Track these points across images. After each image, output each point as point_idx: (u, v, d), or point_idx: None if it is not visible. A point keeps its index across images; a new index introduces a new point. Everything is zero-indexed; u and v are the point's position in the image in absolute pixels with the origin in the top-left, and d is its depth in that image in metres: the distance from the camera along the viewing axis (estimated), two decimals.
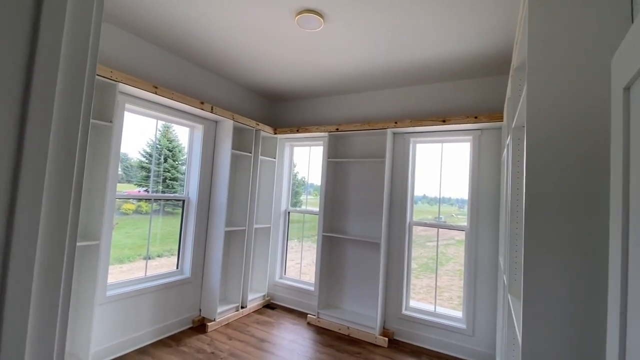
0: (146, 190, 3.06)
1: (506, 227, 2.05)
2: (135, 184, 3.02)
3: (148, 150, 3.04)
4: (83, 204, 2.32)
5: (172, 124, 3.30)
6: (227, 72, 3.41)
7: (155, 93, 2.58)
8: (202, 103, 2.98)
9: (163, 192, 3.22)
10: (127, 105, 2.66)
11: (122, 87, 2.42)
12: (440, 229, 3.35)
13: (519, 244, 1.54)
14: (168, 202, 3.28)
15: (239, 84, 3.80)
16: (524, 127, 1.60)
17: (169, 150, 3.26)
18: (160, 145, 3.16)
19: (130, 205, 2.96)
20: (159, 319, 2.94)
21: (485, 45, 2.47)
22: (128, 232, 2.96)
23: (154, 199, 3.09)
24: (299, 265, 4.19)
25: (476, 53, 2.61)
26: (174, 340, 2.91)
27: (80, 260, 2.31)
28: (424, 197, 3.49)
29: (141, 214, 2.98)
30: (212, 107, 3.08)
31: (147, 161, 3.06)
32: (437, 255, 3.46)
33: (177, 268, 3.26)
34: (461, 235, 3.26)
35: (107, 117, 2.32)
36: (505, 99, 2.30)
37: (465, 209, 3.45)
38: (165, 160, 3.22)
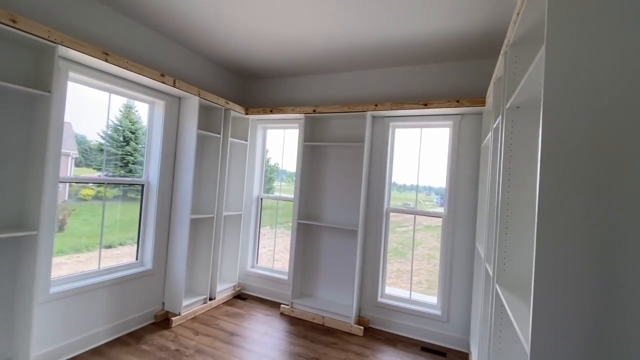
0: (106, 175, 2.77)
1: (489, 214, 1.99)
2: (94, 168, 2.72)
3: (108, 132, 2.76)
4: (12, 188, 1.97)
5: (134, 103, 2.93)
6: (192, 41, 3.05)
7: (106, 60, 2.22)
8: (162, 75, 2.64)
9: (125, 176, 2.89)
10: (71, 74, 2.28)
11: (64, 51, 2.04)
12: (415, 216, 3.29)
13: (512, 234, 1.46)
14: (131, 187, 2.95)
15: (205, 57, 3.45)
16: (518, 107, 1.50)
17: (131, 132, 2.93)
18: (121, 126, 2.86)
19: (89, 191, 2.68)
20: (116, 315, 2.66)
21: (470, 25, 2.35)
22: (86, 219, 2.69)
23: (108, 184, 2.74)
24: (272, 252, 4.01)
25: (460, 34, 2.49)
26: (133, 338, 2.65)
27: (15, 253, 1.98)
28: (393, 184, 3.42)
29: (101, 199, 2.71)
30: (174, 81, 2.75)
31: (108, 144, 2.77)
32: (413, 242, 3.42)
33: (137, 259, 2.96)
34: (428, 221, 3.25)
35: (44, 85, 1.95)
36: (491, 82, 2.20)
37: (433, 196, 3.42)
38: (128, 143, 2.93)
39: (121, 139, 2.88)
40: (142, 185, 2.99)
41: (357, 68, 3.39)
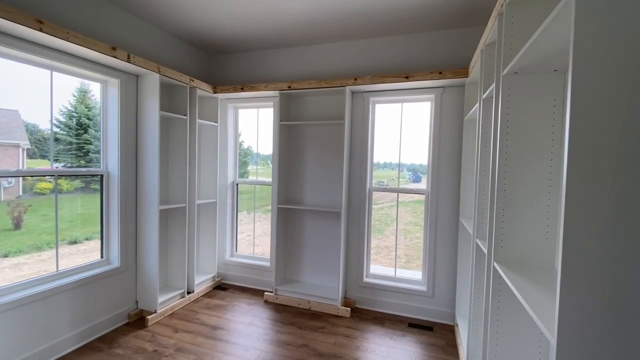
0: (64, 166, 2.50)
1: (479, 190, 1.93)
2: (48, 160, 2.42)
3: (62, 119, 2.47)
4: None
5: (89, 86, 2.59)
6: (148, 11, 2.68)
7: (41, 30, 1.87)
8: (113, 49, 2.30)
9: (86, 167, 2.59)
10: (0, 48, 1.90)
11: None
12: (398, 193, 3.23)
13: (509, 211, 1.38)
14: (93, 178, 2.64)
15: (166, 30, 3.07)
16: (517, 73, 1.39)
17: (88, 118, 2.63)
18: (77, 113, 2.56)
19: (46, 184, 2.40)
20: (82, 320, 2.42)
21: None
22: (46, 214, 2.43)
23: (63, 175, 2.42)
24: (251, 237, 3.85)
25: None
26: (105, 342, 2.43)
27: None
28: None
29: (61, 193, 2.46)
30: (128, 55, 2.41)
31: (63, 132, 2.49)
32: (397, 220, 3.37)
33: (102, 257, 2.69)
34: (402, 197, 3.23)
35: None
36: (478, 49, 2.09)
37: (405, 173, 3.37)
38: (86, 131, 2.64)
39: (77, 126, 2.58)
40: (101, 176, 2.67)
41: (336, 39, 3.16)
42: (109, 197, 2.69)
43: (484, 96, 1.85)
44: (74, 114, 2.56)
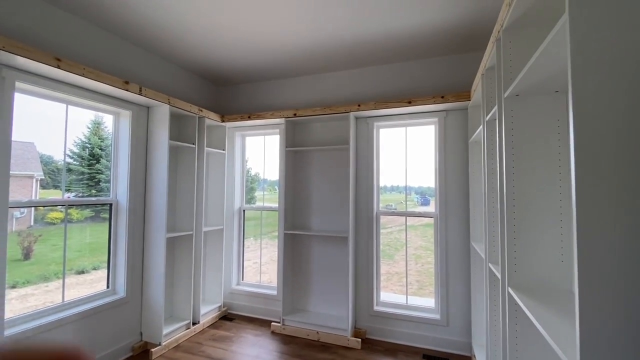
0: (76, 196, 2.55)
1: (488, 212, 1.89)
2: (60, 190, 2.48)
3: (75, 150, 2.55)
4: None
5: (102, 118, 2.70)
6: (158, 47, 2.83)
7: (59, 67, 1.97)
8: (126, 83, 2.41)
9: (97, 196, 2.65)
10: (19, 85, 2.01)
11: (8, 57, 1.79)
12: (406, 217, 3.18)
13: (521, 234, 1.34)
14: (103, 207, 2.68)
15: (175, 64, 3.23)
16: (518, 95, 1.40)
17: (100, 149, 2.72)
18: (90, 144, 2.65)
19: (57, 214, 2.44)
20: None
21: (454, 18, 2.28)
22: (55, 244, 2.44)
23: (75, 205, 2.46)
24: (258, 264, 3.79)
25: (443, 27, 2.42)
26: None
27: None
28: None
29: (72, 222, 2.49)
30: (140, 88, 2.51)
31: (76, 163, 2.57)
32: (406, 245, 3.30)
33: (108, 287, 2.66)
34: (411, 221, 3.17)
35: None
36: (478, 73, 2.13)
37: (413, 196, 3.34)
38: (98, 161, 2.71)
39: (90, 156, 2.66)
40: (110, 205, 2.70)
41: (339, 68, 3.27)
42: (117, 226, 2.71)
43: (487, 118, 1.86)
44: (87, 144, 2.65)
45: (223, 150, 3.49)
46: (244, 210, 3.77)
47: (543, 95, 1.36)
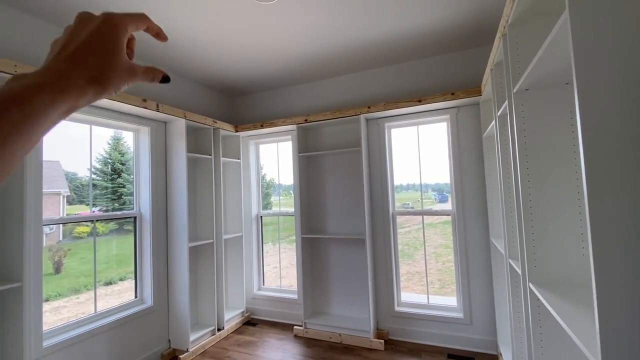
0: (100, 210, 2.67)
1: (506, 207, 1.87)
2: (87, 204, 2.61)
3: (98, 165, 2.68)
4: None
5: (122, 134, 2.83)
6: (172, 63, 2.94)
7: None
8: (144, 100, 2.52)
9: (120, 209, 2.78)
10: None
11: None
12: (423, 216, 3.16)
13: (539, 228, 1.33)
14: (127, 219, 2.81)
15: (188, 78, 3.34)
16: (527, 90, 1.40)
17: (121, 163, 2.85)
18: (111, 159, 2.78)
19: (84, 228, 2.57)
20: None
21: (460, 14, 2.28)
22: (84, 257, 2.57)
23: (100, 219, 2.58)
24: (277, 269, 3.84)
25: (450, 24, 2.41)
26: None
27: (0, 309, 1.80)
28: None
29: (98, 235, 2.60)
30: (157, 105, 2.63)
31: (99, 178, 2.69)
32: (424, 244, 3.28)
33: (136, 297, 2.78)
34: (430, 219, 3.14)
35: None
36: (487, 69, 2.12)
37: (430, 193, 3.31)
38: (119, 175, 2.83)
39: (111, 171, 2.78)
40: (134, 218, 2.83)
41: (347, 72, 3.30)
42: (142, 238, 2.82)
43: (499, 113, 1.85)
44: (108, 160, 2.77)
45: (238, 159, 3.58)
46: (261, 217, 3.84)
47: (553, 88, 1.35)
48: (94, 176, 2.66)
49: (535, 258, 1.35)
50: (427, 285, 3.17)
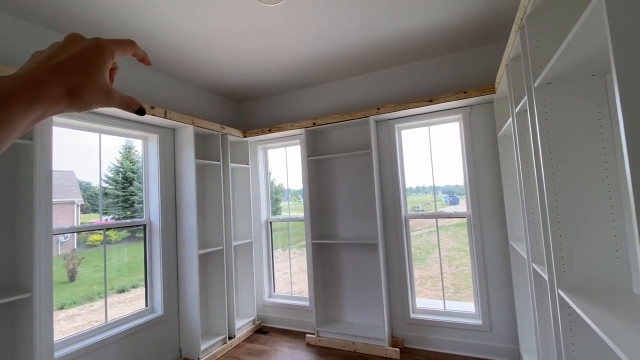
0: (113, 218, 2.69)
1: (527, 208, 1.78)
2: (99, 213, 2.62)
3: (111, 175, 2.71)
4: (1, 246, 1.80)
5: (133, 143, 2.85)
6: (180, 70, 2.94)
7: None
8: (152, 107, 2.51)
9: (132, 217, 2.79)
10: (55, 119, 2.15)
11: None
12: (437, 219, 3.07)
13: (567, 230, 1.24)
14: (139, 227, 2.81)
15: (196, 85, 3.34)
16: (550, 83, 1.32)
17: (132, 172, 2.87)
18: (123, 168, 2.80)
19: (98, 236, 2.58)
20: None
21: (471, 9, 2.21)
22: (97, 265, 2.58)
23: (113, 228, 2.58)
24: (288, 275, 3.78)
25: (458, 21, 2.34)
26: None
27: (11, 320, 1.79)
28: None
29: (110, 243, 2.63)
30: (165, 112, 2.62)
31: (111, 187, 2.71)
32: (438, 246, 3.18)
33: (147, 306, 2.75)
34: (442, 222, 3.05)
35: (25, 134, 1.81)
36: (502, 64, 2.04)
37: (441, 195, 3.21)
38: (131, 184, 2.85)
39: (123, 180, 2.80)
40: (144, 226, 2.81)
41: (355, 74, 3.25)
42: (152, 246, 2.80)
43: (517, 110, 1.77)
44: (120, 169, 2.79)
45: (247, 164, 3.55)
46: (270, 222, 3.80)
47: (578, 80, 1.27)
48: (106, 185, 2.68)
49: (564, 262, 1.26)
50: (442, 290, 3.07)
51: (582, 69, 1.19)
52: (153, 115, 2.52)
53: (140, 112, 0.41)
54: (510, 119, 1.94)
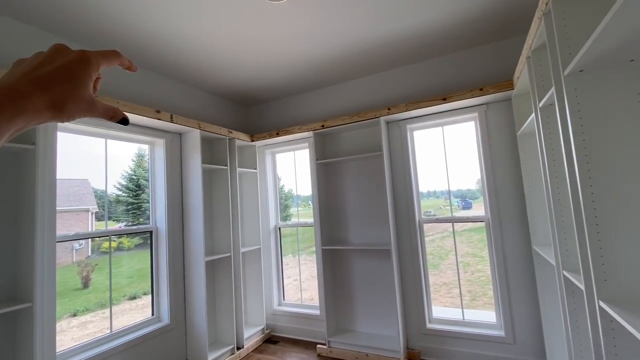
0: (125, 225, 2.70)
1: (555, 211, 1.63)
2: (114, 220, 2.65)
3: (124, 182, 2.72)
4: (4, 254, 1.75)
5: (145, 151, 2.82)
6: (186, 74, 2.91)
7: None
8: (157, 112, 2.47)
9: (144, 224, 2.79)
10: (60, 124, 2.11)
11: None
12: (453, 223, 2.92)
13: (606, 235, 1.11)
14: (150, 234, 2.78)
15: (203, 89, 3.31)
16: (582, 71, 1.19)
17: (145, 180, 2.86)
18: (135, 175, 2.80)
19: (112, 243, 2.56)
20: None
21: (481, 4, 2.10)
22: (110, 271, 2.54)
23: (126, 234, 2.54)
24: (298, 281, 3.67)
25: (471, 16, 2.23)
26: None
27: (12, 330, 1.73)
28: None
29: (123, 250, 2.65)
30: (171, 116, 2.57)
31: (124, 194, 2.72)
32: (455, 251, 3.02)
33: (153, 314, 2.68)
34: (455, 226, 2.91)
35: (27, 138, 1.77)
36: (522, 57, 1.91)
37: (453, 200, 3.05)
38: (143, 191, 2.85)
39: (136, 187, 2.80)
40: (150, 232, 2.75)
41: (365, 74, 3.16)
42: (158, 253, 2.74)
43: (541, 104, 1.64)
44: (133, 176, 2.78)
45: (255, 169, 3.48)
46: (279, 228, 3.70)
47: (614, 66, 1.15)
48: (119, 192, 2.69)
49: (605, 270, 1.13)
50: (460, 299, 2.90)
51: (619, 54, 1.06)
52: (159, 119, 2.47)
53: (124, 122, 0.41)
54: (533, 114, 1.81)
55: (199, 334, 2.69)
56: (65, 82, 0.33)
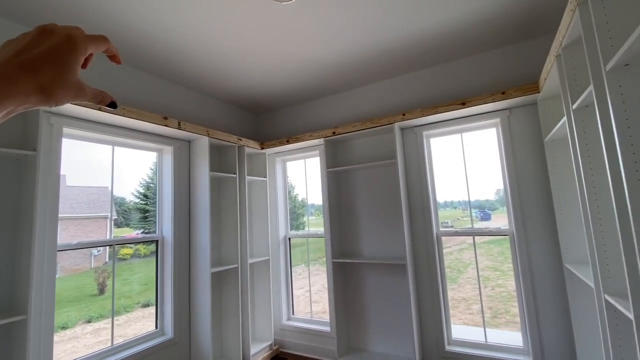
0: (142, 232, 2.71)
1: (594, 227, 1.44)
2: (131, 227, 2.67)
3: (142, 190, 2.74)
4: (2, 263, 1.69)
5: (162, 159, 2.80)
6: (195, 81, 2.87)
7: (100, 109, 2.02)
8: (165, 118, 2.42)
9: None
10: (66, 130, 2.09)
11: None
12: (474, 237, 2.72)
13: None
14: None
15: (213, 96, 3.27)
16: (627, 65, 1.04)
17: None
18: (153, 184, 2.80)
19: (128, 250, 2.60)
20: None
21: (503, 2, 1.96)
22: (126, 278, 2.58)
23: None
24: (308, 293, 3.51)
25: (492, 16, 2.09)
26: None
27: (7, 344, 1.66)
28: None
29: (140, 257, 2.64)
30: (179, 123, 2.52)
31: (142, 202, 2.74)
32: (477, 266, 2.81)
33: (157, 327, 2.59)
34: (470, 239, 2.71)
35: (28, 144, 1.73)
36: (550, 56, 1.75)
37: (472, 211, 2.84)
38: None
39: (153, 195, 2.80)
40: (156, 242, 2.69)
41: (378, 79, 3.04)
42: (164, 263, 2.66)
43: (575, 107, 1.47)
44: (150, 184, 2.77)
45: (264, 177, 3.39)
46: (289, 238, 3.58)
47: None
48: (137, 200, 2.70)
49: None
50: (482, 316, 2.68)
51: None
52: (166, 126, 2.42)
53: (112, 105, 0.40)
54: (564, 118, 1.64)
55: (204, 349, 2.57)
56: (53, 66, 0.32)
